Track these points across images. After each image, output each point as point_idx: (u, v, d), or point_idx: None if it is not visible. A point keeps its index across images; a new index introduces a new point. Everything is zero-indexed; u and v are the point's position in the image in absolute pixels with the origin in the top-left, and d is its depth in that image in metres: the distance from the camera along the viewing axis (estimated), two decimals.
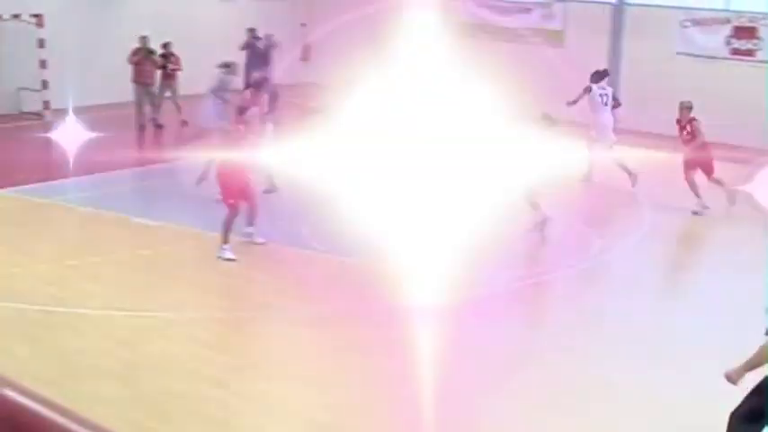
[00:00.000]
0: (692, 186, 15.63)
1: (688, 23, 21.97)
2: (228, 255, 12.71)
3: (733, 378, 7.24)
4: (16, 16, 21.89)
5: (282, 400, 8.98)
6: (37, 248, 13.14)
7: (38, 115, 22.10)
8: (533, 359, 10.24)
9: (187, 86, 24.96)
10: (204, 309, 11.28)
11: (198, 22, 26.05)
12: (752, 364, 7.16)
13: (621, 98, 21.70)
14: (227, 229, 12.78)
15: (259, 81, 16.69)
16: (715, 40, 21.54)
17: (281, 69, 24.14)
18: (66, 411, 1.70)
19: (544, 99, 21.26)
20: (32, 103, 22.33)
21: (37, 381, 6.18)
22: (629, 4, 23.00)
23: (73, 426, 1.67)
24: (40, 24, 21.86)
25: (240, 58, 23.04)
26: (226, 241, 12.77)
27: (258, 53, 22.92)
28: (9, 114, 22.19)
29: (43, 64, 21.99)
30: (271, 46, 23.59)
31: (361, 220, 15.25)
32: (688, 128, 15.91)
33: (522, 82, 22.44)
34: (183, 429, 8.38)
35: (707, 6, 22.06)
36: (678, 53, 22.18)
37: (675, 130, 16.33)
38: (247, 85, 21.33)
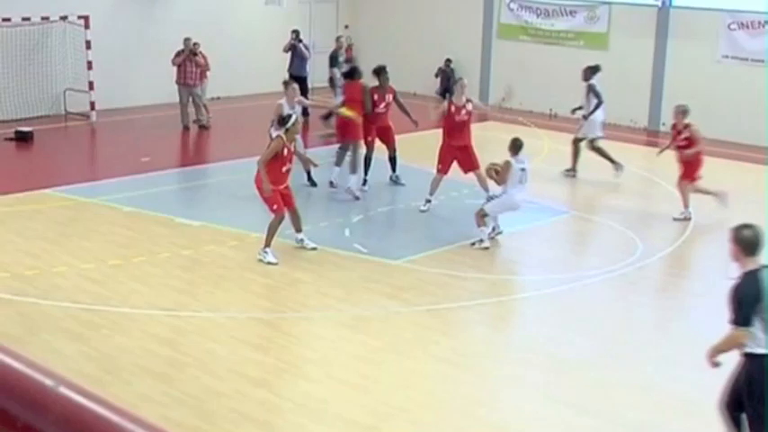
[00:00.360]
0: (685, 194, 15.22)
1: (734, 26, 21.70)
2: (270, 258, 12.72)
3: (712, 363, 7.51)
4: (63, 18, 22.12)
5: (324, 402, 8.96)
6: (82, 248, 13.25)
7: (84, 116, 22.31)
8: (573, 363, 10.16)
9: (232, 88, 25.15)
10: (246, 309, 11.30)
11: (242, 24, 26.18)
12: (720, 350, 7.44)
13: (664, 101, 21.57)
14: (271, 233, 12.79)
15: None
16: (760, 43, 21.25)
17: (323, 71, 24.22)
18: (122, 411, 1.70)
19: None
20: (78, 104, 22.53)
21: (80, 379, 6.23)
22: (675, 7, 22.78)
23: (129, 425, 1.66)
24: (86, 26, 22.06)
25: (284, 59, 23.11)
26: (268, 244, 12.79)
27: (302, 55, 22.98)
28: (55, 115, 22.41)
29: (89, 65, 22.19)
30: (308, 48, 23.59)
31: (402, 221, 15.30)
32: (685, 133, 15.45)
33: (564, 84, 22.45)
34: (225, 429, 8.39)
35: (752, 9, 21.76)
36: (723, 56, 21.93)
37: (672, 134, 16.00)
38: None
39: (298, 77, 22.74)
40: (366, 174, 16.44)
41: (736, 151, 20.41)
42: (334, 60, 23.10)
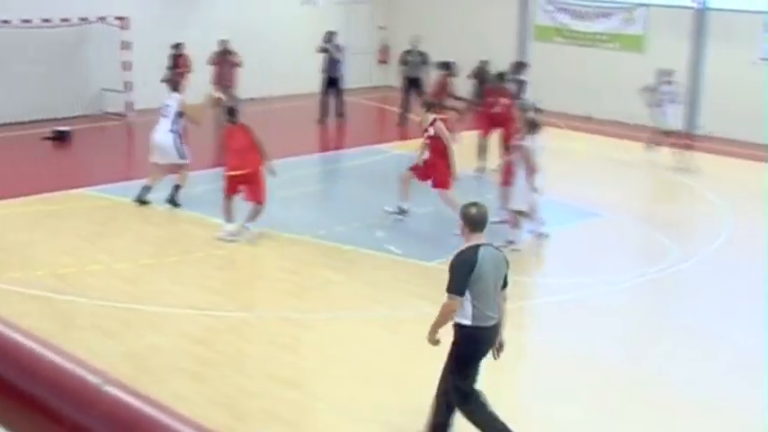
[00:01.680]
0: None
1: None
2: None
3: (431, 340, 7.93)
4: (101, 19, 22.31)
5: (356, 402, 8.99)
6: (116, 246, 13.36)
7: (120, 116, 22.49)
8: (603, 368, 10.14)
9: (268, 89, 25.24)
10: (278, 309, 11.35)
11: (278, 25, 26.27)
12: (437, 324, 7.86)
13: (703, 104, 21.44)
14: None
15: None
16: None
17: (359, 72, 24.30)
18: (167, 409, 1.73)
19: (624, 103, 21.20)
20: (116, 104, 22.70)
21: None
22: (712, 9, 22.61)
23: (176, 424, 1.69)
24: (123, 27, 22.23)
25: (318, 60, 23.18)
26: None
27: (332, 56, 23.02)
28: (93, 115, 22.60)
29: (126, 65, 22.35)
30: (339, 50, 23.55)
31: (435, 223, 15.28)
32: None
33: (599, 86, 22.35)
34: (256, 429, 8.44)
35: None
36: (761, 58, 21.73)
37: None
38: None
39: (331, 78, 22.83)
40: None
41: None
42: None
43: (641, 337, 11.44)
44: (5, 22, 20.69)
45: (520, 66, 18.62)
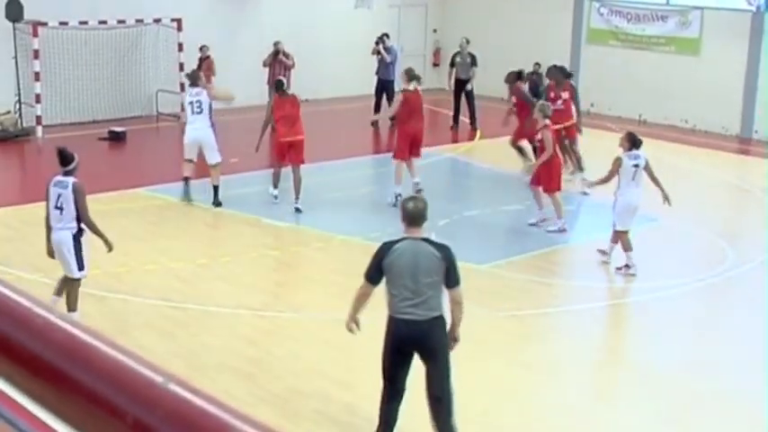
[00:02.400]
0: None
1: None
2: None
3: (349, 326, 8.25)
4: (157, 20, 22.55)
5: (407, 403, 8.98)
6: (171, 246, 13.50)
7: (175, 117, 22.71)
8: (657, 372, 10.06)
9: (321, 90, 25.34)
10: (329, 310, 11.39)
11: (331, 27, 26.36)
12: (352, 306, 8.24)
13: (757, 108, 21.24)
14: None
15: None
16: None
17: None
18: (230, 409, 1.74)
19: (681, 108, 21.02)
20: (170, 105, 22.94)
21: None
22: None
23: (238, 423, 1.70)
24: (179, 28, 22.45)
25: (372, 63, 23.25)
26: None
27: (384, 59, 23.05)
28: (147, 116, 22.85)
29: (181, 67, 22.58)
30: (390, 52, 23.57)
31: (487, 226, 15.25)
32: None
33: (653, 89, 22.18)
34: (308, 429, 8.48)
35: None
36: None
37: None
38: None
39: (383, 81, 22.85)
40: None
41: None
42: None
43: (698, 341, 11.35)
44: (63, 24, 20.98)
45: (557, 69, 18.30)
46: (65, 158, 10.20)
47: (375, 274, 7.91)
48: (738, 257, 13.66)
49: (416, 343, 7.91)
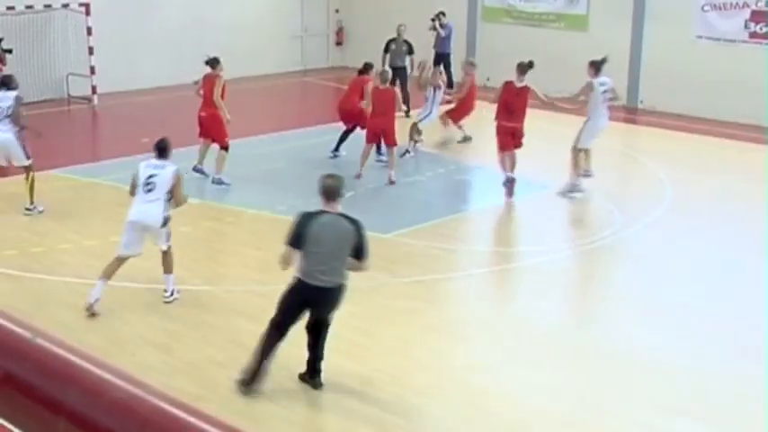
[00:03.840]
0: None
1: (708, 8, 22.16)
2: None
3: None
4: (65, 6, 22.59)
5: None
6: (85, 226, 13.64)
7: (86, 99, 22.78)
8: (550, 330, 10.60)
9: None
10: (242, 282, 11.66)
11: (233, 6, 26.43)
12: (283, 267, 8.70)
13: (642, 80, 22.21)
14: None
15: None
16: (733, 23, 21.75)
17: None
18: (90, 356, 1.98)
19: (567, 82, 21.74)
20: (80, 88, 22.97)
21: (84, 349, 6.65)
22: None
23: (96, 369, 2.01)
24: (87, 13, 22.52)
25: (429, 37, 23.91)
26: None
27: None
28: (59, 99, 22.87)
29: (90, 50, 22.65)
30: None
31: (391, 197, 15.71)
32: None
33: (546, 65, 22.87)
34: (228, 396, 8.80)
35: None
36: (697, 36, 22.41)
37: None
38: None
39: (440, 54, 23.87)
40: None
41: (708, 126, 21.12)
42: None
43: (589, 299, 12.00)
44: None
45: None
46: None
47: (297, 241, 8.46)
48: (626, 220, 14.38)
49: (318, 305, 8.65)
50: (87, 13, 22.48)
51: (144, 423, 1.68)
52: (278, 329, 8.68)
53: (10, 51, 21.47)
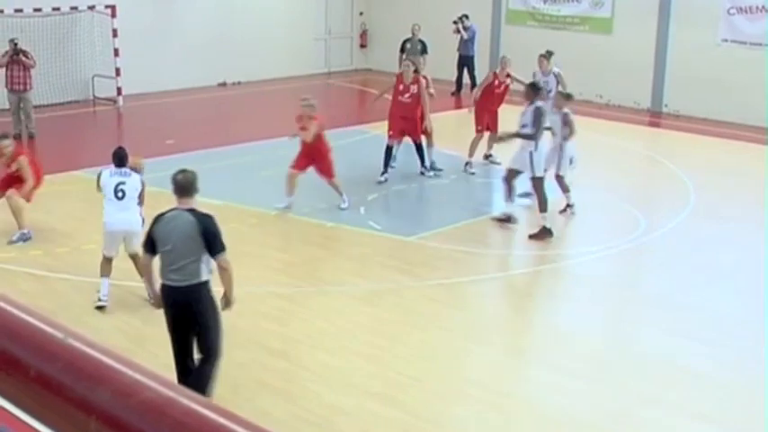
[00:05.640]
0: None
1: (734, 11, 22.05)
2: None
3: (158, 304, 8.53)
4: (91, 7, 22.74)
5: (340, 372, 9.31)
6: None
7: (111, 101, 22.90)
8: (575, 333, 10.57)
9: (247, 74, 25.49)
10: (266, 284, 11.68)
11: (258, 10, 26.54)
12: (146, 280, 8.68)
13: (666, 83, 22.08)
14: None
15: None
16: (759, 27, 21.63)
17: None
18: (122, 358, 1.97)
19: (592, 86, 21.79)
20: (106, 90, 23.07)
21: (114, 349, 6.65)
22: None
23: (128, 371, 1.91)
24: (113, 15, 22.63)
25: (453, 41, 24.22)
26: None
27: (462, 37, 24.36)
28: (84, 100, 23.03)
29: (116, 52, 22.77)
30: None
31: (414, 199, 15.75)
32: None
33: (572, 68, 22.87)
34: (246, 397, 8.79)
35: None
36: (723, 40, 22.31)
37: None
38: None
39: (463, 57, 24.44)
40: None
41: (733, 131, 20.96)
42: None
43: (614, 304, 11.94)
44: None
45: None
46: None
47: (148, 244, 8.28)
48: (650, 225, 14.32)
49: (181, 308, 8.22)
50: (113, 15, 22.61)
51: (176, 425, 1.69)
52: (174, 359, 8.38)
53: (25, 53, 19.94)
